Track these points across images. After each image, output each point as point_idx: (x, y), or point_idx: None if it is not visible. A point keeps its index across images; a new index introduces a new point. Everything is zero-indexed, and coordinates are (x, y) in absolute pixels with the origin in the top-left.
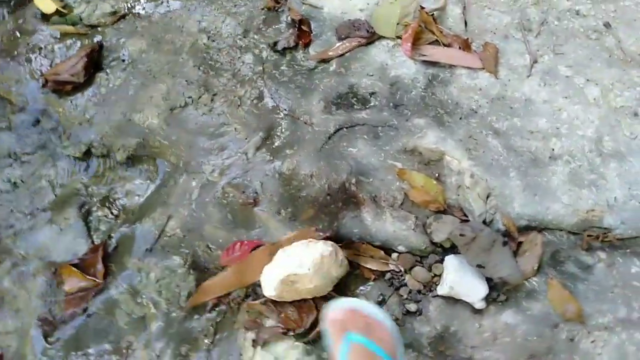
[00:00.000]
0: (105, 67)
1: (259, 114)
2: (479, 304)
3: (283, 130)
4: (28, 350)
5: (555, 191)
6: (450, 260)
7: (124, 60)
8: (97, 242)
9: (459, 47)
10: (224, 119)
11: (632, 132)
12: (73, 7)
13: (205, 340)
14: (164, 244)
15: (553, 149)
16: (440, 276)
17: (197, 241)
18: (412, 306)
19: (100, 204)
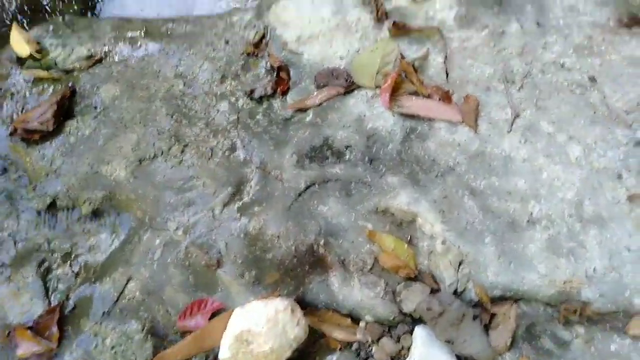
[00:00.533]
0: (76, 115)
1: (229, 166)
2: None
3: (253, 185)
4: None
5: (532, 259)
6: (419, 331)
7: (96, 107)
8: (54, 303)
9: (439, 99)
10: (194, 171)
11: (614, 196)
12: (49, 51)
13: None
14: (122, 307)
15: (531, 213)
16: (409, 349)
17: (156, 305)
18: None
19: (61, 260)
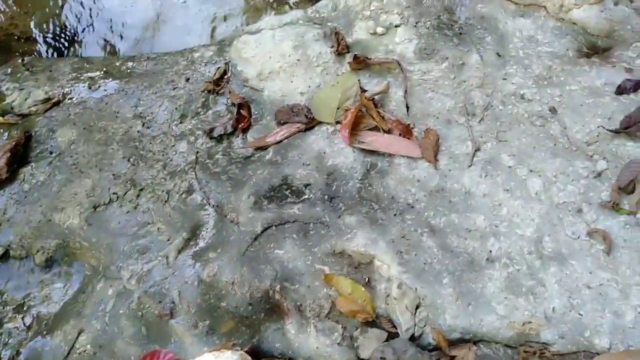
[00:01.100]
0: (31, 161)
1: (185, 210)
2: None
3: (208, 229)
4: None
5: (491, 300)
6: None
7: (51, 153)
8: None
9: (400, 134)
10: (148, 217)
11: (574, 231)
12: (5, 95)
13: None
14: None
15: (490, 251)
16: None
17: (108, 359)
18: None
19: (13, 312)
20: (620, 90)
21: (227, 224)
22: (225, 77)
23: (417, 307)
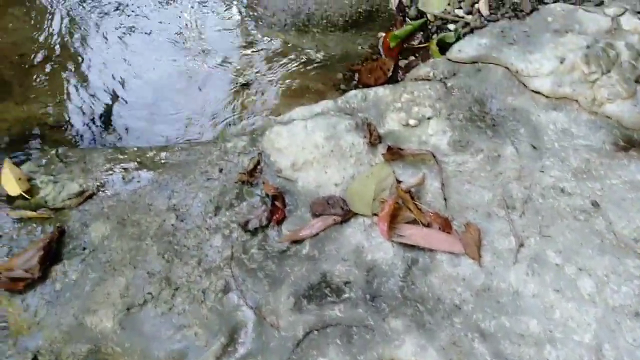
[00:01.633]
0: (63, 258)
1: (222, 311)
2: None
3: (247, 333)
4: None
5: None
6: None
7: (84, 249)
8: None
9: (439, 227)
10: (184, 319)
11: (634, 337)
12: (40, 188)
13: None
14: None
15: (548, 359)
16: None
17: None
18: None
19: None
20: None
21: (267, 327)
22: (259, 167)
23: None
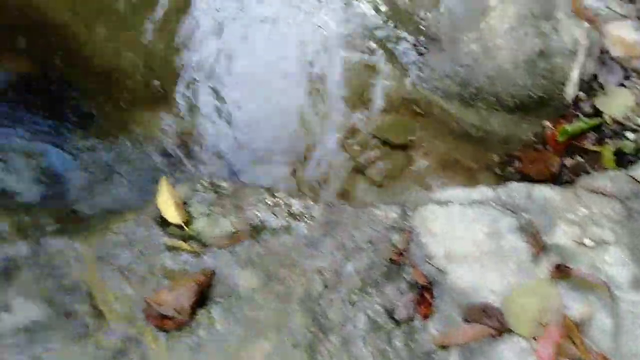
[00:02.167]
0: (210, 303)
1: None
2: None
3: None
4: None
5: None
6: None
7: (230, 296)
8: None
9: None
10: None
11: None
12: (194, 218)
13: None
14: None
15: None
16: None
17: None
18: None
19: None
20: None
21: None
22: (408, 246)
23: None
